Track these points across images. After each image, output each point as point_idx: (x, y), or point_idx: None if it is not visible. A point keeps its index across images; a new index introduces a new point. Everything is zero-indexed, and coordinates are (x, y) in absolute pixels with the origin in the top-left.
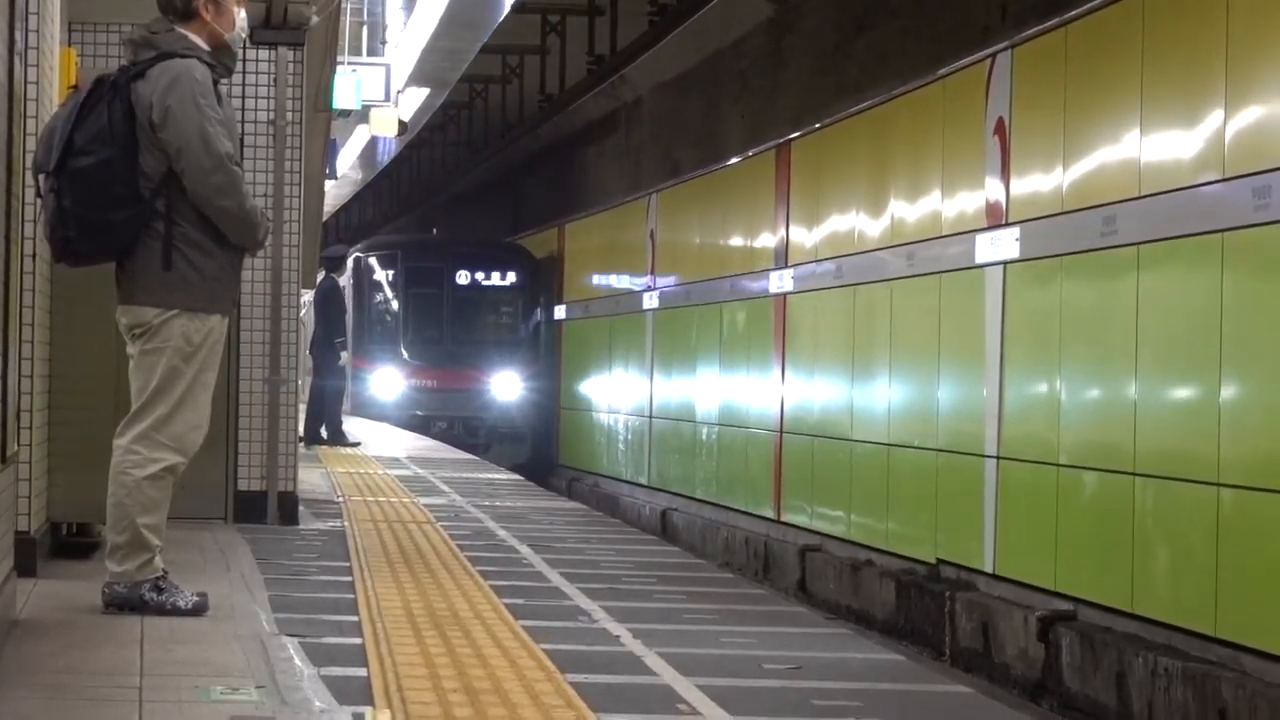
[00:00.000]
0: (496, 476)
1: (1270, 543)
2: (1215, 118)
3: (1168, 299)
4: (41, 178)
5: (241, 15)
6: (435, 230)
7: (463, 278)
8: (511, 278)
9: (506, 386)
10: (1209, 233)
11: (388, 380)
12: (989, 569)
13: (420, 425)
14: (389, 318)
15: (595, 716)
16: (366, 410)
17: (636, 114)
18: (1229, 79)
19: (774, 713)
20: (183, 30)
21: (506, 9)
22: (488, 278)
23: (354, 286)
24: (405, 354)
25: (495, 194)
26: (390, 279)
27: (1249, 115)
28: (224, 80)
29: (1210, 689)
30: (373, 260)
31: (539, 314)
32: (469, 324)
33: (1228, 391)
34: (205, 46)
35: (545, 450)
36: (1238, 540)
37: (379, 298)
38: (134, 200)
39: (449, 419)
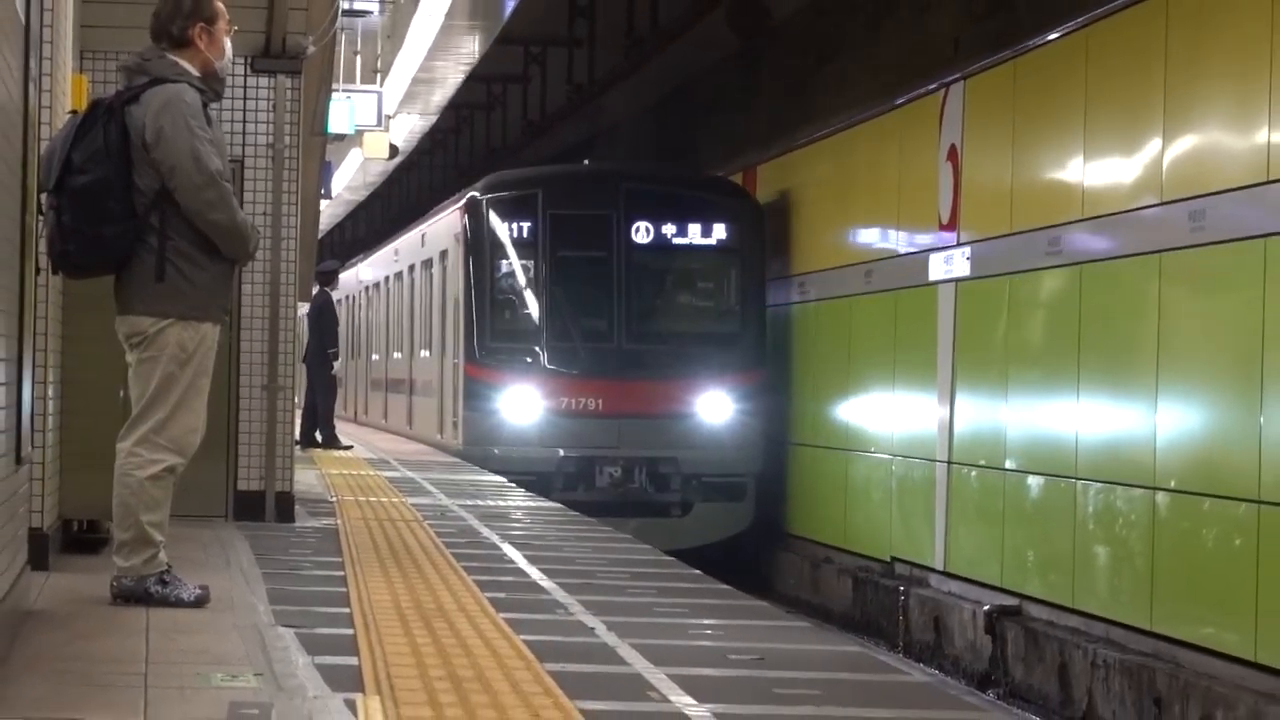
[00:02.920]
0: (480, 478)
1: (1202, 542)
2: (1154, 146)
3: (1109, 314)
4: (43, 195)
5: (229, 44)
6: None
7: (642, 233)
8: (721, 234)
9: (716, 409)
10: (1148, 253)
11: (519, 402)
12: (939, 566)
13: (576, 473)
14: (520, 301)
15: (571, 704)
16: (485, 443)
17: (614, 138)
18: (1166, 111)
19: (739, 700)
20: (174, 57)
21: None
22: (683, 233)
23: (465, 250)
24: (547, 359)
25: None
26: (523, 236)
27: (1185, 144)
28: (214, 104)
29: (1146, 680)
30: (494, 209)
31: (763, 292)
32: (654, 309)
33: (1165, 400)
34: (195, 72)
35: (776, 510)
36: (1172, 540)
37: (504, 267)
38: (128, 215)
39: (624, 463)
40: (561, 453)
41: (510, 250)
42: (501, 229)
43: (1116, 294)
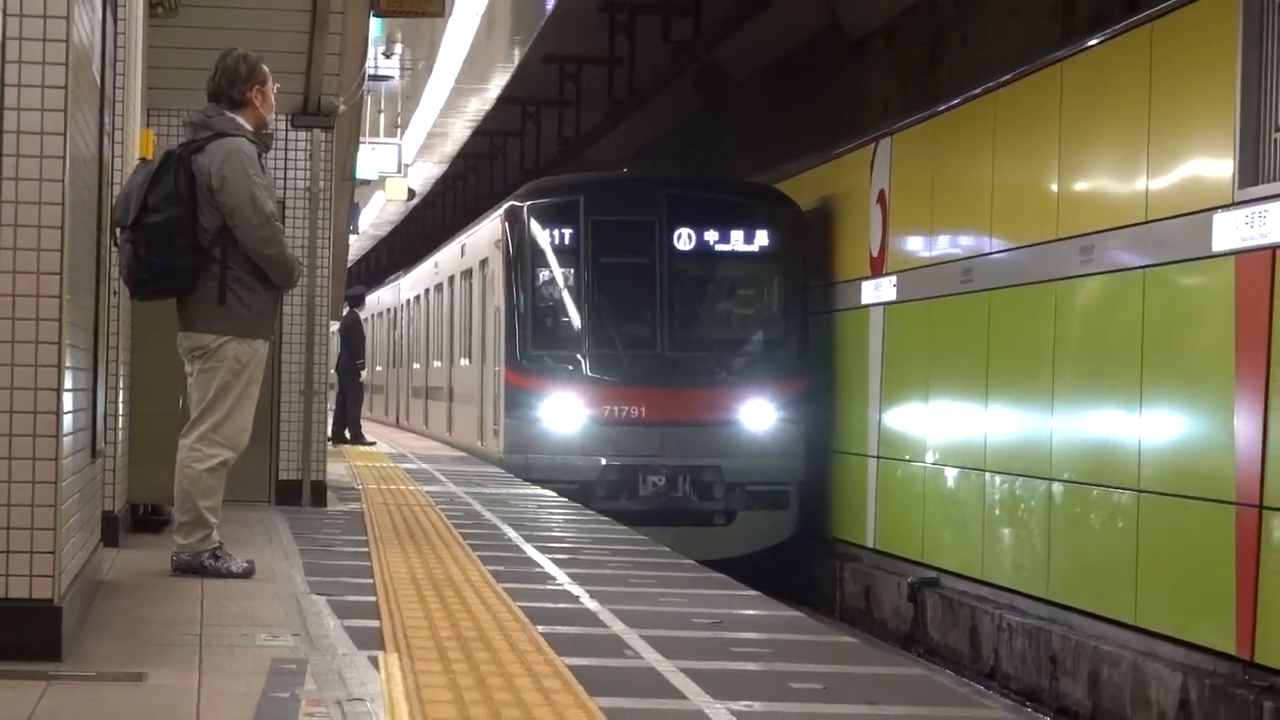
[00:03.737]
0: (485, 470)
1: (1091, 524)
2: (1050, 190)
3: (1013, 333)
4: (119, 230)
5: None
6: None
7: (684, 240)
8: (763, 240)
9: (760, 417)
10: (1044, 281)
11: (560, 410)
12: (871, 545)
13: (618, 481)
14: (562, 308)
15: (559, 659)
16: (526, 451)
17: None
18: (1061, 160)
19: (701, 658)
20: (232, 115)
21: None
22: (725, 239)
23: (506, 257)
24: (589, 366)
25: None
26: (565, 243)
27: (1077, 188)
28: (267, 152)
29: (1043, 640)
30: (534, 216)
31: (805, 298)
32: (697, 316)
33: (1060, 405)
34: (250, 128)
35: (817, 519)
36: (1065, 522)
37: (545, 274)
38: (195, 249)
39: (668, 471)
40: (603, 461)
41: (551, 257)
42: (542, 236)
43: (1020, 316)
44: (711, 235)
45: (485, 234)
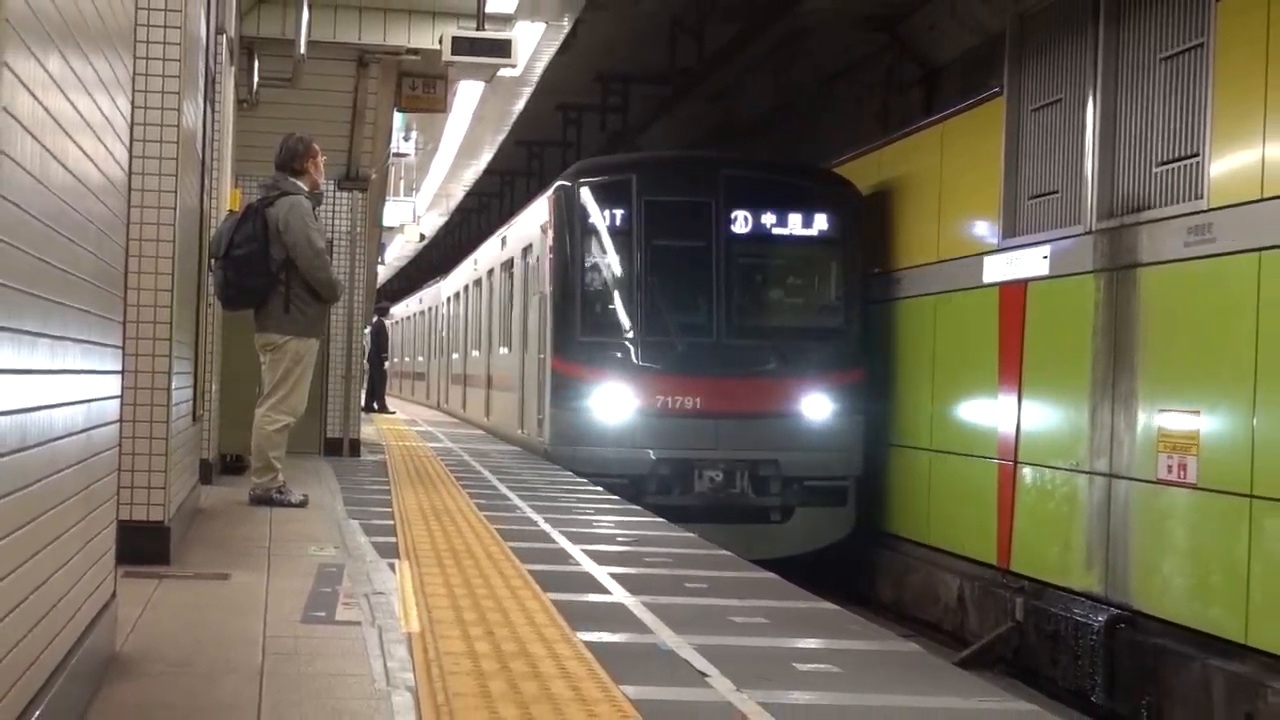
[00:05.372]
0: (472, 432)
1: (903, 476)
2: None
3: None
4: (214, 261)
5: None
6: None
7: (742, 222)
8: (823, 224)
9: (818, 408)
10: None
11: (611, 400)
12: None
13: (671, 476)
14: (613, 293)
15: (522, 566)
16: (573, 442)
17: None
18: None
19: (659, 592)
20: (294, 180)
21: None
22: (784, 222)
23: (554, 239)
24: (642, 355)
25: None
26: (616, 224)
27: (900, 235)
28: (318, 206)
29: (864, 559)
30: (584, 196)
31: (863, 285)
32: (755, 303)
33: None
34: (306, 189)
35: (874, 514)
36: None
37: (595, 257)
38: (267, 274)
39: (725, 465)
40: (652, 454)
41: (602, 239)
42: (593, 216)
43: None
44: (770, 218)
45: (530, 219)
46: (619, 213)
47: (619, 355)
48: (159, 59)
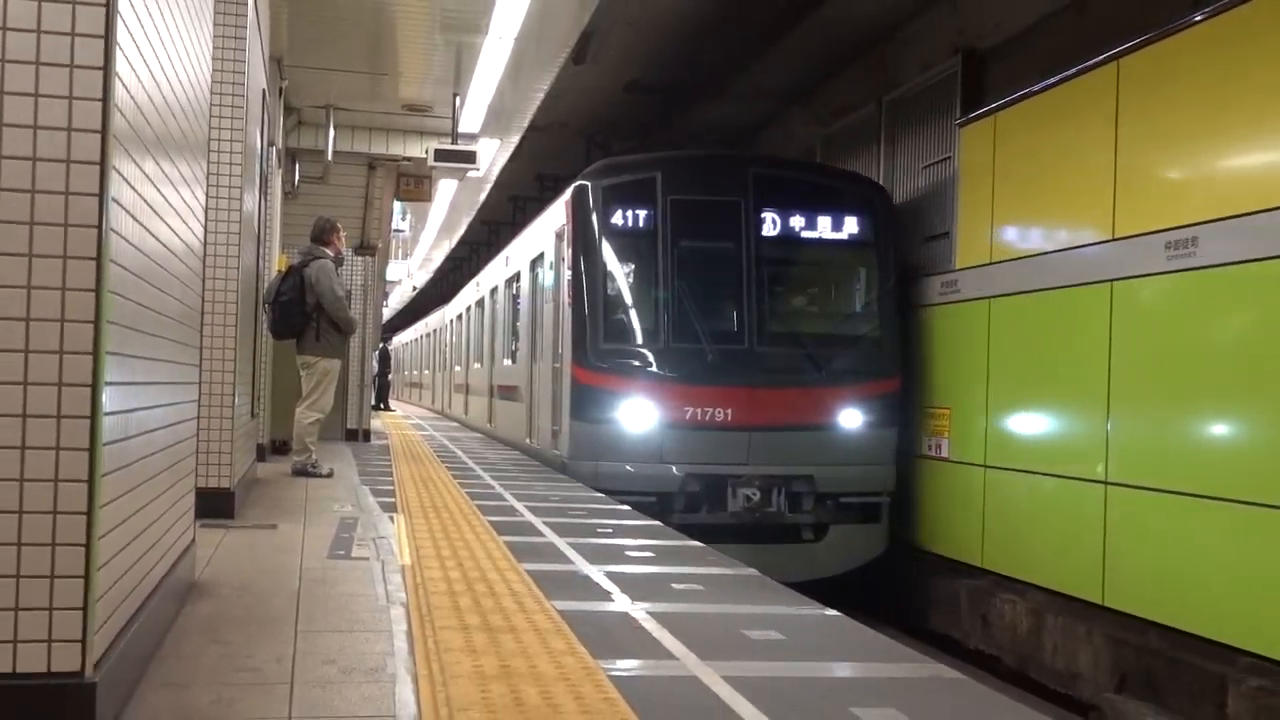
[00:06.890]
0: (450, 424)
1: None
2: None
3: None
4: (265, 305)
5: (345, 242)
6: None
7: (773, 224)
8: (855, 226)
9: (854, 420)
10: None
11: (636, 412)
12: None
13: (701, 493)
14: (637, 297)
15: (485, 518)
16: (595, 457)
17: None
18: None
19: (647, 595)
20: (323, 248)
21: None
22: (816, 224)
23: (573, 242)
24: (669, 364)
25: None
26: (640, 225)
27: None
28: (340, 267)
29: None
30: (605, 196)
31: (897, 291)
32: (789, 309)
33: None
34: (332, 255)
35: (908, 530)
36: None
37: (618, 260)
38: (303, 314)
39: (758, 482)
40: (676, 470)
41: (625, 241)
42: (615, 217)
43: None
44: (802, 220)
45: (541, 229)
46: (643, 212)
47: (644, 364)
48: (227, 163)
